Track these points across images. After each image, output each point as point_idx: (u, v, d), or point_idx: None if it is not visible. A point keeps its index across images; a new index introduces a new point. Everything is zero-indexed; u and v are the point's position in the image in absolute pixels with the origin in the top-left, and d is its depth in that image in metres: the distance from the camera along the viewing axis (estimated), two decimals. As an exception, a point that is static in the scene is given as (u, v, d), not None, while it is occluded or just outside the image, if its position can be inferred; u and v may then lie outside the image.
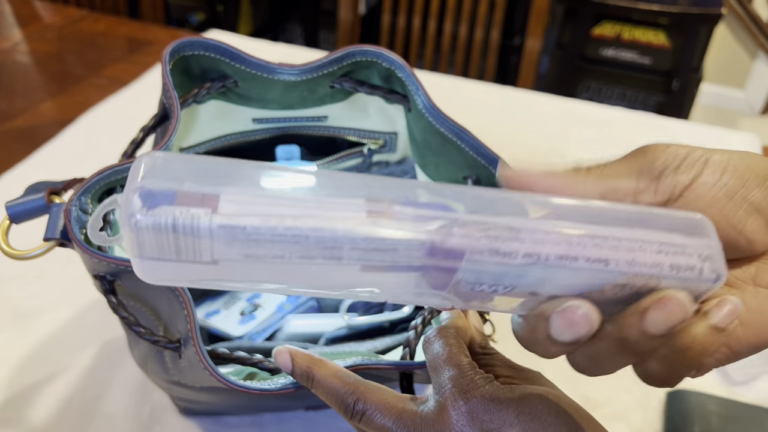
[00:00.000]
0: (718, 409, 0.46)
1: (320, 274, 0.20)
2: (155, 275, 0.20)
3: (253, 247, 0.19)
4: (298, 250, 0.20)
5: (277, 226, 0.19)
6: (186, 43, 0.40)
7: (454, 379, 0.26)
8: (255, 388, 0.32)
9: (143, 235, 0.19)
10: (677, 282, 0.21)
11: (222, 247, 0.19)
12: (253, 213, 0.19)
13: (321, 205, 0.20)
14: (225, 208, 0.19)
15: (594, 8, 1.60)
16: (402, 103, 0.44)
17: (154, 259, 0.20)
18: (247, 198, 0.19)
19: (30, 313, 0.51)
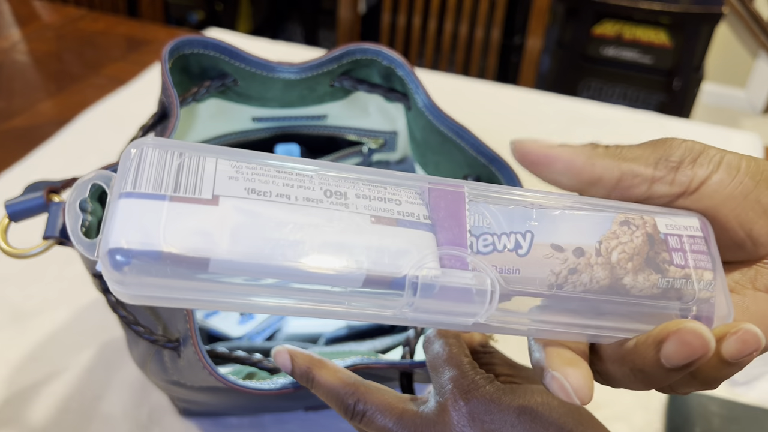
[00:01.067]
0: (720, 410, 0.46)
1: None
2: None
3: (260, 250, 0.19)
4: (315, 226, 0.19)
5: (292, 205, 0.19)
6: (185, 41, 0.40)
7: (454, 379, 0.26)
8: (254, 388, 0.32)
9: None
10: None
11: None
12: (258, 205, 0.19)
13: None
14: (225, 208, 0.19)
15: (595, 7, 1.59)
16: (402, 102, 0.44)
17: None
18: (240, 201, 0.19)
19: (29, 313, 0.51)
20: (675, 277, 0.21)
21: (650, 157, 0.22)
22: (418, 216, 0.20)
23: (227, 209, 0.18)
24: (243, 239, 0.18)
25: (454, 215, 0.20)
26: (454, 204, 0.20)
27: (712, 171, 0.22)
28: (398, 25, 1.33)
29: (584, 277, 0.20)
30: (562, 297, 0.21)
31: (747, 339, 0.19)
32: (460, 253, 0.20)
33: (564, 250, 0.21)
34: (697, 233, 0.22)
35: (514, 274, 0.20)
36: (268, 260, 0.18)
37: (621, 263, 0.21)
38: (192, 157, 0.19)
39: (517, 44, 1.70)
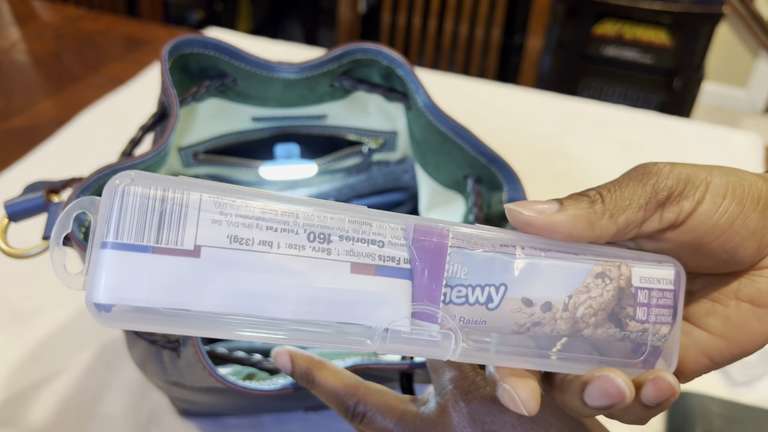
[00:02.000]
0: (720, 410, 0.46)
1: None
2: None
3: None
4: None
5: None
6: (185, 41, 0.40)
7: (455, 380, 0.26)
8: (254, 389, 0.32)
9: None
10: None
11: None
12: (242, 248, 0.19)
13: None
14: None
15: (595, 7, 1.59)
16: (402, 102, 0.44)
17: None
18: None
19: (28, 314, 0.51)
20: (632, 331, 0.23)
21: (641, 197, 0.22)
22: (399, 260, 0.21)
23: (209, 262, 0.19)
24: (223, 293, 0.19)
25: (434, 265, 0.21)
26: (436, 253, 0.21)
27: (698, 201, 0.22)
28: (398, 24, 1.33)
29: (546, 329, 0.22)
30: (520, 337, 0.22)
31: (662, 387, 0.21)
32: (432, 310, 0.21)
33: (533, 304, 0.22)
34: (668, 287, 0.23)
35: (481, 324, 0.21)
36: (247, 311, 0.19)
37: (585, 318, 0.22)
38: (175, 200, 0.19)
39: (517, 44, 1.70)
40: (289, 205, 0.20)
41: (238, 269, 0.19)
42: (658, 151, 0.74)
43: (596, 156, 0.73)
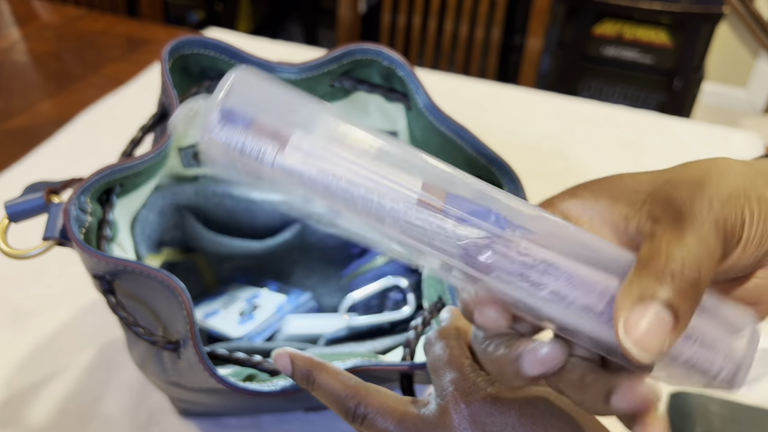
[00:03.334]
0: (720, 410, 0.46)
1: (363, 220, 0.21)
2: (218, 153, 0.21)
3: (307, 191, 0.21)
4: (346, 208, 0.21)
5: (331, 184, 0.21)
6: (185, 41, 0.40)
7: (455, 381, 0.26)
8: (254, 390, 0.32)
9: (214, 148, 0.20)
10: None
11: (279, 182, 0.21)
12: (314, 165, 0.21)
13: (378, 176, 0.21)
14: (291, 152, 0.21)
15: (595, 7, 1.59)
16: (402, 102, 0.44)
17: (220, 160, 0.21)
18: (314, 147, 0.21)
19: (28, 314, 0.51)
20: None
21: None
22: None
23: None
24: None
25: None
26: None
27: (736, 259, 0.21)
28: (398, 24, 1.33)
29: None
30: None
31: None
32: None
33: None
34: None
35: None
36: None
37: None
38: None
39: (517, 44, 1.70)
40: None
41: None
42: (658, 151, 0.74)
43: (596, 156, 0.73)
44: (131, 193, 0.41)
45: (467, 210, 0.21)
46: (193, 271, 0.51)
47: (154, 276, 0.32)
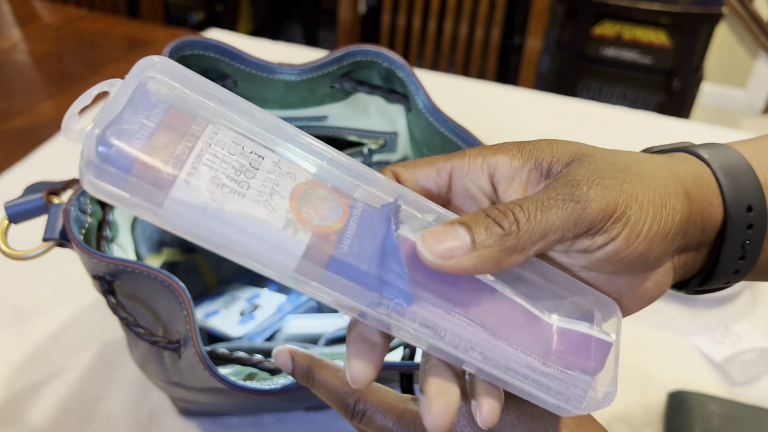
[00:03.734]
0: (719, 409, 0.46)
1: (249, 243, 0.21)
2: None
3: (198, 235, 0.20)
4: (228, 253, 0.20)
5: (218, 235, 0.20)
6: (185, 42, 0.40)
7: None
8: (255, 389, 0.32)
9: (94, 189, 0.19)
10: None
11: (172, 223, 0.20)
12: (202, 201, 0.19)
13: (264, 205, 0.20)
14: (177, 192, 0.19)
15: (594, 8, 1.60)
16: (402, 103, 0.44)
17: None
18: (198, 195, 0.19)
19: (29, 314, 0.51)
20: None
21: (559, 229, 0.22)
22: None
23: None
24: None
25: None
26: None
27: (611, 239, 0.22)
28: (398, 25, 1.33)
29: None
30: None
31: None
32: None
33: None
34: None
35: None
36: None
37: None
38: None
39: (516, 45, 1.70)
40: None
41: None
42: (657, 151, 0.74)
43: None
44: (132, 193, 0.41)
45: (341, 289, 0.21)
46: (193, 271, 0.51)
47: (155, 276, 0.32)
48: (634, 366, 0.51)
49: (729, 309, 0.56)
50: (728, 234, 0.24)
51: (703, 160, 0.25)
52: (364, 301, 0.21)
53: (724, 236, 0.24)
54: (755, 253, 0.25)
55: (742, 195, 0.24)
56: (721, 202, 0.24)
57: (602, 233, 0.22)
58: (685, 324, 0.55)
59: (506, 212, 0.21)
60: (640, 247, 0.22)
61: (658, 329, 0.54)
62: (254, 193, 0.20)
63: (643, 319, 0.55)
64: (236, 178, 0.20)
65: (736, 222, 0.24)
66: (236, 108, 0.21)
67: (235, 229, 0.20)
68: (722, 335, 0.53)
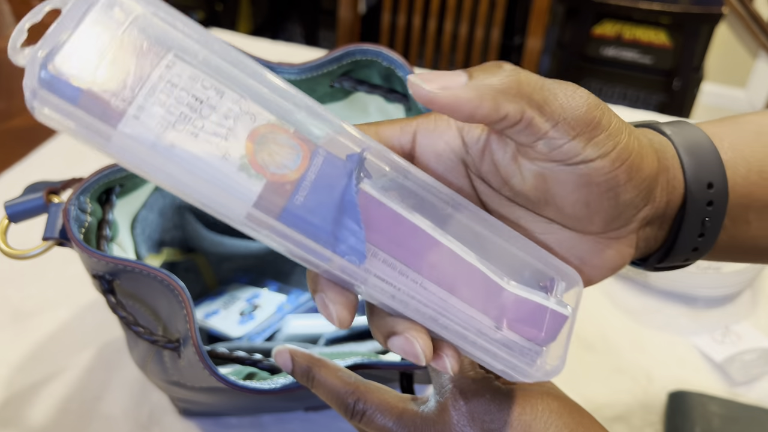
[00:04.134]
0: (719, 409, 0.46)
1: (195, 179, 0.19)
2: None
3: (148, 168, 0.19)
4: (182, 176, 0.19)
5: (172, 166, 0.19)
6: (185, 41, 0.40)
7: (454, 379, 0.26)
8: (255, 388, 0.32)
9: (41, 116, 0.18)
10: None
11: (123, 155, 0.19)
12: (152, 138, 0.18)
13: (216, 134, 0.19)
14: (126, 127, 0.18)
15: (595, 7, 1.59)
16: (402, 103, 0.44)
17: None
18: (151, 126, 0.18)
19: (29, 314, 0.51)
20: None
21: (574, 108, 0.21)
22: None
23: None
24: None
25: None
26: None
27: (598, 156, 0.21)
28: (398, 25, 1.33)
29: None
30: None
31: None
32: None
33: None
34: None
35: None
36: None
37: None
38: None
39: (516, 44, 1.70)
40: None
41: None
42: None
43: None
44: (131, 193, 0.41)
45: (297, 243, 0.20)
46: (193, 271, 0.51)
47: (154, 275, 0.32)
48: (634, 366, 0.51)
49: (729, 309, 0.56)
50: (688, 209, 0.24)
51: (666, 136, 0.25)
52: (316, 255, 0.20)
53: (684, 211, 0.24)
54: (715, 231, 0.25)
55: (703, 172, 0.24)
56: (682, 177, 0.24)
57: (594, 144, 0.21)
58: (685, 324, 0.55)
59: (508, 64, 0.21)
60: (622, 175, 0.22)
61: (658, 329, 0.54)
62: (208, 133, 0.19)
63: (643, 319, 0.55)
64: (191, 115, 0.19)
65: (696, 198, 0.24)
66: (199, 39, 0.19)
67: (185, 171, 0.19)
68: (722, 335, 0.53)
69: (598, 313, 0.55)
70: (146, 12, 0.19)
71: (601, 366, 0.50)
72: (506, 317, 0.23)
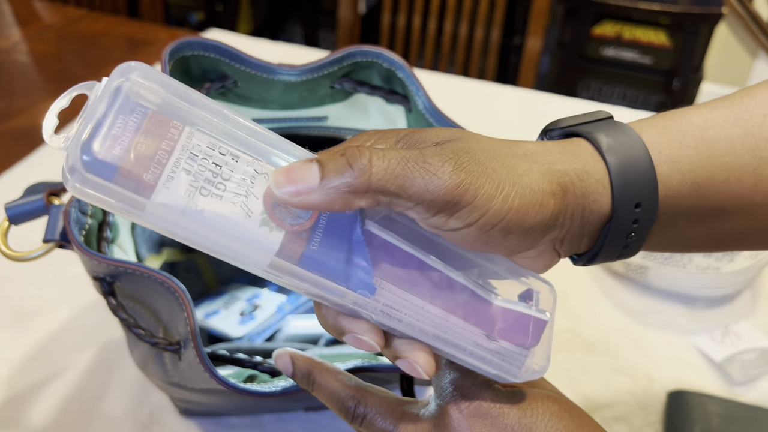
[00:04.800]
0: (719, 409, 0.46)
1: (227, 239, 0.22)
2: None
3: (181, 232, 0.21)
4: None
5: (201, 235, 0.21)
6: (186, 43, 0.40)
7: (455, 382, 0.26)
8: (255, 391, 0.32)
9: (81, 195, 0.20)
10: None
11: (156, 223, 0.21)
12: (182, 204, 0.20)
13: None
14: (158, 197, 0.20)
15: (594, 8, 1.59)
16: (402, 104, 0.44)
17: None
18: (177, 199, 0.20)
19: (29, 314, 0.51)
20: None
21: (414, 195, 0.22)
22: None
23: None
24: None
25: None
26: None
27: (465, 225, 0.22)
28: (398, 25, 1.33)
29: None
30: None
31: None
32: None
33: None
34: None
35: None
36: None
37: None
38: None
39: (516, 45, 1.70)
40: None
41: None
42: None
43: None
44: (132, 194, 0.41)
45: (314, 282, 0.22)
46: (193, 271, 0.51)
47: (155, 278, 0.32)
48: (634, 366, 0.51)
49: (729, 309, 0.56)
50: (612, 227, 0.24)
51: (601, 153, 0.24)
52: (332, 292, 0.23)
53: (609, 228, 0.24)
54: (641, 239, 0.25)
55: (633, 191, 0.24)
56: (610, 197, 0.24)
57: (456, 218, 0.22)
58: (685, 324, 0.55)
59: (363, 153, 0.21)
60: (496, 233, 0.23)
61: (658, 329, 0.54)
62: (230, 194, 0.21)
63: (643, 319, 0.55)
64: (213, 180, 0.21)
65: (622, 218, 0.24)
66: (211, 111, 0.22)
67: (213, 230, 0.21)
68: (722, 335, 0.53)
69: (598, 313, 0.55)
70: (165, 92, 0.21)
71: (601, 366, 0.50)
72: (496, 328, 0.25)
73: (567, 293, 0.57)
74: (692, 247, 0.28)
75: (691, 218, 0.26)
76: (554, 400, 0.26)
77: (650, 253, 0.56)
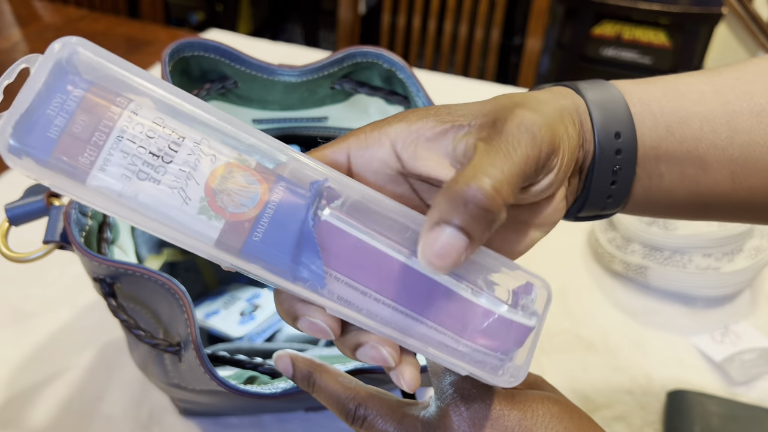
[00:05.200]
0: (719, 409, 0.46)
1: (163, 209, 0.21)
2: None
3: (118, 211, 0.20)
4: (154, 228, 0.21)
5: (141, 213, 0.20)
6: (186, 43, 0.40)
7: (455, 384, 0.26)
8: (255, 393, 0.32)
9: (16, 167, 0.19)
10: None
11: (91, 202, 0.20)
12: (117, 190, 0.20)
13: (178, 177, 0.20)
14: (93, 181, 0.19)
15: (594, 8, 1.59)
16: (403, 104, 0.44)
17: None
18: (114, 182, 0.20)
19: (29, 314, 0.51)
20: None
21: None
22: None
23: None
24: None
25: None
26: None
27: (549, 171, 0.23)
28: (398, 25, 1.33)
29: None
30: None
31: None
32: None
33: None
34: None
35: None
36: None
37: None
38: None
39: (516, 45, 1.70)
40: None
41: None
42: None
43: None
44: (132, 194, 0.41)
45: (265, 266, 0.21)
46: (193, 271, 0.51)
47: (155, 279, 0.32)
48: (633, 366, 0.51)
49: (729, 309, 0.56)
50: (597, 157, 0.26)
51: (581, 94, 0.26)
52: (280, 280, 0.21)
53: (595, 161, 0.26)
54: (627, 179, 0.26)
55: (611, 122, 0.26)
56: (591, 127, 0.26)
57: (546, 169, 0.23)
58: (685, 324, 0.55)
59: (476, 176, 0.21)
60: (561, 176, 0.24)
61: (658, 329, 0.54)
62: (170, 178, 0.20)
63: (643, 319, 0.55)
64: (153, 162, 0.20)
65: (605, 147, 0.25)
66: (157, 85, 0.20)
67: (150, 217, 0.20)
68: (722, 335, 0.53)
69: (598, 313, 0.55)
70: (104, 67, 0.20)
71: (600, 366, 0.51)
72: (471, 330, 0.23)
73: (567, 293, 0.57)
74: (678, 208, 0.28)
75: (672, 164, 0.26)
76: (554, 401, 0.26)
77: (650, 252, 0.56)
